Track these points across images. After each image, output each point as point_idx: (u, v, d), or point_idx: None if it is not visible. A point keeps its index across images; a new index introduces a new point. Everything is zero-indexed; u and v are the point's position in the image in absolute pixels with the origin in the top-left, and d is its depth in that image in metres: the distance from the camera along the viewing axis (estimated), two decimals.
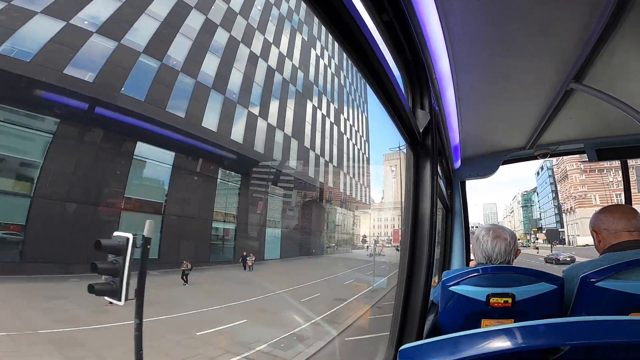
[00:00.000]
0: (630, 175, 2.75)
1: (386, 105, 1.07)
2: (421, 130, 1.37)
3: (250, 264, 18.83)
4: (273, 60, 28.63)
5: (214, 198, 21.06)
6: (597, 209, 1.58)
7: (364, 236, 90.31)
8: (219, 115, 21.71)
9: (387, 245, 64.40)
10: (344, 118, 42.74)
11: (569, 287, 1.37)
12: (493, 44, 1.41)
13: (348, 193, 42.16)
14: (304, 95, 32.58)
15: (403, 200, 1.62)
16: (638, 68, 1.55)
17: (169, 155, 18.65)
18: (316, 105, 34.81)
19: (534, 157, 2.85)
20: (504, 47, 1.42)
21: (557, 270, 1.55)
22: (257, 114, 25.19)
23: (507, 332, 0.83)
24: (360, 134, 49.53)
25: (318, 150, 33.67)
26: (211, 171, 21.07)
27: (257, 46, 26.74)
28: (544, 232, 72.14)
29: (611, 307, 1.28)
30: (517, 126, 2.38)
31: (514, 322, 1.15)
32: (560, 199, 67.23)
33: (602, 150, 2.58)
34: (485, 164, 2.95)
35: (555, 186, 70.20)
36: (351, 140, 44.46)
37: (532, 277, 1.39)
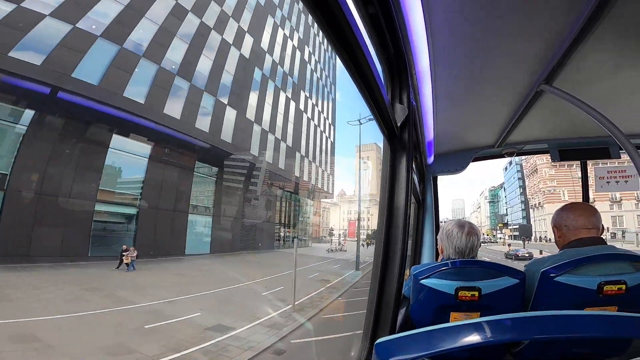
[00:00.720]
0: (588, 175, 2.86)
1: (366, 97, 1.09)
2: (399, 124, 1.41)
3: (129, 260, 13.45)
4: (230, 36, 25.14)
5: (101, 171, 15.43)
6: (565, 204, 1.64)
7: (331, 229, 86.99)
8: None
9: (352, 240, 61.10)
10: (305, 95, 37.77)
11: (530, 282, 1.43)
12: (471, 43, 1.42)
13: (307, 179, 37.44)
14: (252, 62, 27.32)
15: (379, 193, 1.54)
16: (605, 72, 1.61)
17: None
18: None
19: (502, 155, 2.93)
20: (482, 47, 1.45)
21: (518, 266, 1.60)
22: None
23: (477, 327, 0.87)
24: (325, 115, 44.78)
25: (267, 125, 28.47)
26: (95, 133, 15.39)
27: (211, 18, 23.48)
28: (509, 227, 72.05)
29: (568, 301, 1.33)
30: (488, 124, 2.40)
31: (480, 315, 1.39)
32: (528, 194, 66.67)
33: (564, 150, 2.67)
34: (457, 160, 3.00)
35: (523, 181, 69.68)
36: (312, 121, 39.62)
37: (497, 271, 1.44)
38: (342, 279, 16.88)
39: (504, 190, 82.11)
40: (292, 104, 33.89)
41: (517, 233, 63.94)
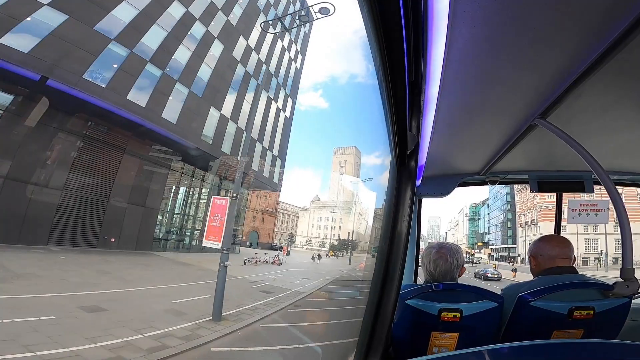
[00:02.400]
0: (562, 207, 3.08)
1: (392, 123, 1.15)
2: (407, 153, 1.43)
3: None
4: None
5: None
6: (541, 236, 1.81)
7: (291, 234, 76.41)
8: None
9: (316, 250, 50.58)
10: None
11: (506, 305, 1.53)
12: (480, 74, 1.45)
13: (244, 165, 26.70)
14: None
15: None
16: (596, 111, 1.66)
17: None
18: None
19: (485, 183, 3.04)
20: (489, 78, 1.47)
21: (485, 286, 1.70)
22: None
23: (477, 356, 0.98)
24: (279, 81, 34.18)
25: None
26: None
27: None
28: (490, 247, 66.75)
29: (541, 324, 1.46)
30: (477, 152, 2.44)
31: (460, 335, 1.51)
32: (517, 210, 58.65)
33: (543, 182, 2.76)
34: (443, 184, 3.04)
35: (512, 197, 61.55)
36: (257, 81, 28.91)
37: (478, 294, 1.55)
38: None
39: (488, 207, 74.71)
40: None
41: (502, 254, 58.38)
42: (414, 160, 1.44)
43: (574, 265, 1.69)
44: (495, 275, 28.87)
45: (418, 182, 2.91)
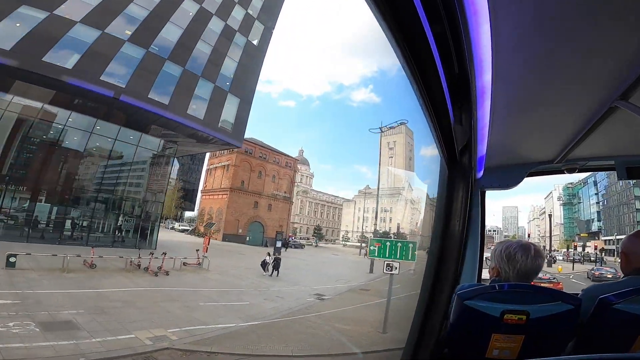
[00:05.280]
0: None
1: (432, 118, 1.11)
2: (459, 149, 1.42)
3: None
4: None
5: None
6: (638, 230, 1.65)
7: (318, 227, 63.66)
8: None
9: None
10: None
11: (585, 307, 1.39)
12: (538, 59, 1.39)
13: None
14: None
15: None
16: None
17: None
18: None
19: (561, 171, 2.82)
20: (549, 63, 1.41)
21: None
22: None
23: None
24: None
25: None
26: None
27: None
28: (600, 238, 52.31)
29: (624, 329, 1.33)
30: (547, 139, 2.31)
31: (524, 338, 1.37)
32: None
33: (632, 168, 2.53)
34: (509, 174, 2.83)
35: None
36: None
37: (549, 296, 1.42)
38: None
39: (595, 185, 58.28)
40: None
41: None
42: (468, 154, 1.47)
43: None
44: (609, 276, 21.45)
45: (480, 174, 2.73)
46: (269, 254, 18.75)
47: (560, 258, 41.57)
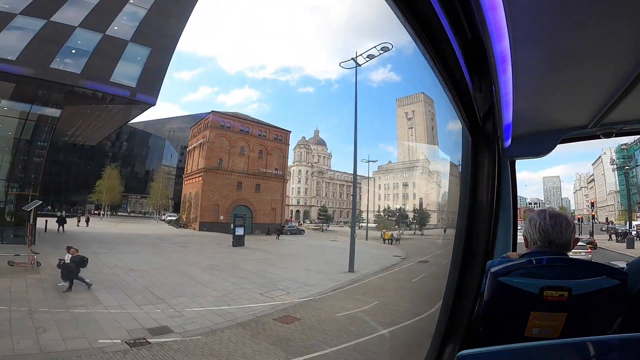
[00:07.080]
0: None
1: (449, 87, 1.08)
2: (481, 115, 1.39)
3: None
4: None
5: None
6: None
7: (323, 207, 56.81)
8: None
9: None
10: None
11: (631, 283, 1.33)
12: (559, 20, 1.32)
13: None
14: None
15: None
16: None
17: None
18: None
19: (596, 137, 2.70)
20: (573, 24, 1.33)
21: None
22: None
23: (580, 347, 0.79)
24: None
25: None
26: None
27: None
28: None
29: None
30: (579, 103, 2.23)
31: (567, 316, 1.28)
32: None
33: None
34: (540, 142, 2.75)
35: None
36: None
37: (592, 270, 1.32)
38: None
39: None
40: None
41: None
42: (492, 121, 1.41)
43: None
44: None
45: (507, 143, 2.62)
46: (68, 249, 11.37)
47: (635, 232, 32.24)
